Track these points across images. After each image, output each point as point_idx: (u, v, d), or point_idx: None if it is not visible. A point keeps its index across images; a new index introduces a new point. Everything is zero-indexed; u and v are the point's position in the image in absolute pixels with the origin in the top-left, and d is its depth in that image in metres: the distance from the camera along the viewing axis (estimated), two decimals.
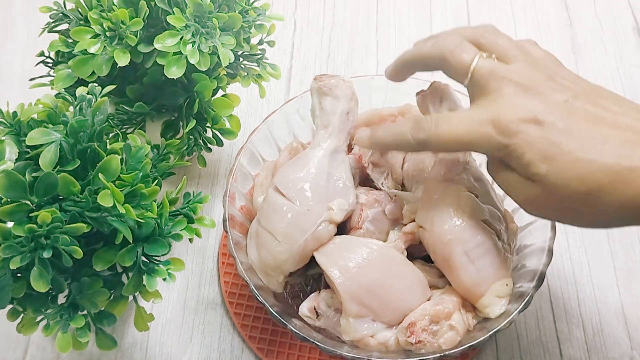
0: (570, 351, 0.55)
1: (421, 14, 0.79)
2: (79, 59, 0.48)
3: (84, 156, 0.41)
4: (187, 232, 0.44)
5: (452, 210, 0.46)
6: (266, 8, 0.55)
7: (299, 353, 0.54)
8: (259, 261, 0.48)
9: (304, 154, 0.50)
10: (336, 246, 0.47)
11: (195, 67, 0.48)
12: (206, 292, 0.59)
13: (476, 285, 0.46)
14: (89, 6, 0.50)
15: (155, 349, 0.55)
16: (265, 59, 0.58)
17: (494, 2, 0.80)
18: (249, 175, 0.55)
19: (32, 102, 0.43)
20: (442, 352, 0.44)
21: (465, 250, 0.45)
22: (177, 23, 0.48)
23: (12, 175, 0.37)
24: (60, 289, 0.42)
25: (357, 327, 0.45)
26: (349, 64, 0.75)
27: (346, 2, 0.80)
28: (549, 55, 0.42)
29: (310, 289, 0.53)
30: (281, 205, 0.47)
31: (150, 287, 0.42)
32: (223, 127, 0.54)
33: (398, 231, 0.50)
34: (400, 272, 0.47)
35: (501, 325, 0.45)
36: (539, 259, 0.49)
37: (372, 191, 0.51)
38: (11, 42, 0.76)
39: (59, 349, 0.41)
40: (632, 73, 0.73)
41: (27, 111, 0.42)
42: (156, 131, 0.56)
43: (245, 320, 0.56)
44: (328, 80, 0.51)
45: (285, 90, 0.73)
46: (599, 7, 0.79)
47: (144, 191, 0.41)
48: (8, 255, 0.36)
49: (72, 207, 0.39)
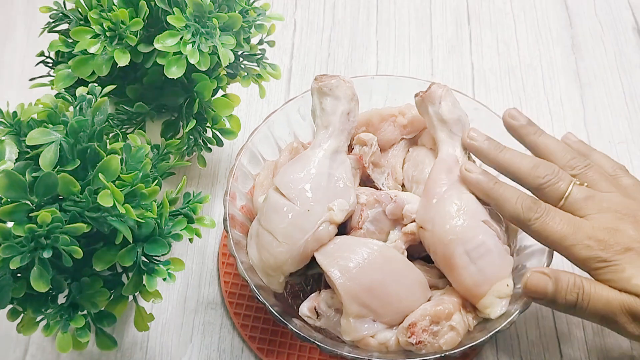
0: (570, 351, 0.55)
1: (421, 14, 0.79)
2: (79, 59, 0.48)
3: (84, 156, 0.41)
4: (187, 232, 0.44)
5: (453, 210, 0.46)
6: (266, 8, 0.55)
7: (299, 353, 0.54)
8: (259, 261, 0.48)
9: (305, 154, 0.50)
10: (337, 246, 0.47)
11: (195, 67, 0.48)
12: (206, 292, 0.59)
13: (477, 286, 0.46)
14: (89, 6, 0.50)
15: (155, 349, 0.55)
16: (265, 59, 0.58)
17: (494, 2, 0.80)
18: (250, 175, 0.55)
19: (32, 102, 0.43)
20: (443, 353, 0.44)
21: (466, 251, 0.45)
22: (177, 23, 0.48)
23: (12, 175, 0.37)
24: (60, 289, 0.42)
25: (357, 328, 0.45)
26: (349, 64, 0.75)
27: (346, 2, 0.80)
28: (638, 183, 0.48)
29: (310, 289, 0.53)
30: (282, 206, 0.47)
31: (150, 287, 0.42)
32: (223, 127, 0.54)
33: (398, 231, 0.50)
34: (400, 273, 0.47)
35: (501, 325, 0.45)
36: (539, 259, 0.49)
37: (373, 191, 0.51)
38: (11, 42, 0.76)
39: (59, 349, 0.41)
40: (632, 73, 0.73)
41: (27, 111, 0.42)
42: (156, 131, 0.56)
43: (245, 320, 0.56)
44: (329, 81, 0.51)
45: (285, 90, 0.72)
46: (599, 7, 0.79)
47: (144, 191, 0.41)
48: (8, 255, 0.36)
49: (72, 207, 0.39)
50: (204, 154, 0.56)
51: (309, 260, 0.47)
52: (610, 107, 0.71)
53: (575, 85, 0.73)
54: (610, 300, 0.42)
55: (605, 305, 0.42)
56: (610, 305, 0.42)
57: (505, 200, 0.46)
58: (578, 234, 0.43)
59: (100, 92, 0.44)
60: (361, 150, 0.53)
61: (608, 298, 0.42)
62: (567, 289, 0.43)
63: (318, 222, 0.46)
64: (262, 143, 0.56)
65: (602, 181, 0.47)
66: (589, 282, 0.43)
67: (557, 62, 0.75)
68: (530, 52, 0.76)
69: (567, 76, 0.74)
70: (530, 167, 0.47)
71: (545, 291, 0.43)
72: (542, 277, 0.44)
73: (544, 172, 0.46)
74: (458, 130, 0.51)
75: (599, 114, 0.71)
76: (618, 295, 0.42)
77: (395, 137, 0.56)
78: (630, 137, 0.69)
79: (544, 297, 0.44)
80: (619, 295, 0.42)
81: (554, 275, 0.44)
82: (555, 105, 0.71)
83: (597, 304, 0.42)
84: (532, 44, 0.76)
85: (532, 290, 0.44)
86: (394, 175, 0.55)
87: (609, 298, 0.42)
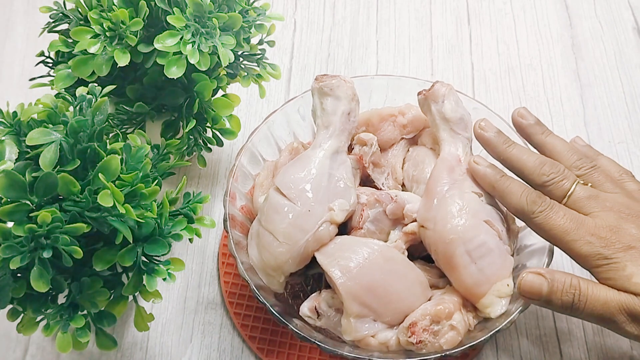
0: (570, 351, 0.55)
1: (421, 14, 0.79)
2: (79, 59, 0.48)
3: (84, 156, 0.41)
4: (187, 232, 0.44)
5: (454, 210, 0.46)
6: (266, 8, 0.55)
7: (299, 353, 0.54)
8: (259, 261, 0.48)
9: (305, 154, 0.50)
10: (337, 246, 0.47)
11: (195, 67, 0.48)
12: (206, 292, 0.59)
13: (477, 285, 0.46)
14: (89, 6, 0.50)
15: (155, 349, 0.55)
16: (265, 59, 0.58)
17: (494, 2, 0.80)
18: (250, 175, 0.55)
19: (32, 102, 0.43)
20: (443, 352, 0.44)
21: (467, 250, 0.45)
22: (177, 23, 0.48)
23: (12, 175, 0.37)
24: (60, 289, 0.42)
25: (358, 327, 0.45)
26: (349, 64, 0.75)
27: (346, 2, 0.80)
28: None
29: (310, 289, 0.53)
30: (282, 206, 0.47)
31: (150, 287, 0.42)
32: (223, 127, 0.54)
33: (399, 231, 0.50)
34: (401, 272, 0.47)
35: (502, 325, 0.45)
36: (539, 259, 0.49)
37: (373, 191, 0.51)
38: (11, 42, 0.76)
39: (59, 349, 0.41)
40: (632, 73, 0.73)
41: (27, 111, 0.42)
42: (156, 131, 0.55)
43: (245, 320, 0.56)
44: (329, 81, 0.51)
45: (285, 90, 0.72)
46: (599, 7, 0.79)
47: (144, 191, 0.40)
48: (8, 255, 0.36)
49: (72, 207, 0.39)
50: (204, 154, 0.56)
51: (309, 260, 0.47)
52: (610, 107, 0.71)
53: (575, 85, 0.73)
54: (608, 301, 0.42)
55: (603, 306, 0.42)
56: (608, 305, 0.42)
57: (511, 193, 0.46)
58: (580, 229, 0.43)
59: (100, 92, 0.44)
60: (361, 150, 0.53)
61: (606, 299, 0.42)
62: (562, 289, 0.43)
63: (319, 222, 0.46)
64: (262, 143, 0.56)
65: (606, 182, 0.47)
66: (586, 282, 0.43)
67: (557, 62, 0.75)
68: (530, 52, 0.76)
69: (567, 76, 0.74)
70: (536, 164, 0.47)
71: (540, 292, 0.43)
72: (536, 278, 0.44)
73: (549, 170, 0.47)
74: (460, 129, 0.51)
75: (599, 113, 0.71)
76: (616, 296, 0.42)
77: (395, 137, 0.56)
78: (630, 137, 0.69)
79: (538, 298, 0.44)
80: (618, 295, 0.42)
81: (550, 276, 0.43)
82: (555, 105, 0.71)
83: (594, 305, 0.42)
84: (532, 44, 0.76)
85: (526, 291, 0.44)
86: (394, 175, 0.55)
87: (607, 299, 0.42)
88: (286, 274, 0.47)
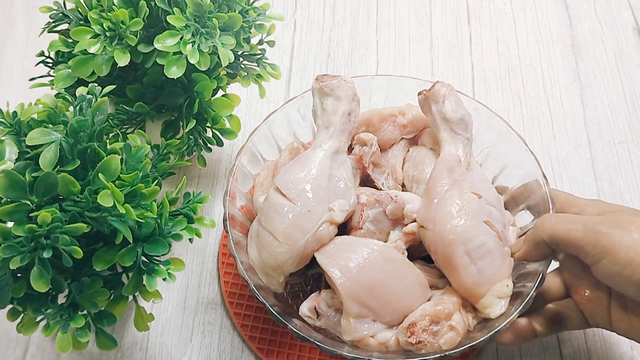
0: (570, 351, 0.55)
1: (421, 14, 0.79)
2: (79, 59, 0.48)
3: (84, 156, 0.41)
4: (187, 232, 0.44)
5: (454, 210, 0.46)
6: (266, 8, 0.55)
7: (299, 353, 0.54)
8: (259, 261, 0.48)
9: (305, 154, 0.50)
10: (337, 246, 0.47)
11: (195, 67, 0.48)
12: (206, 292, 0.59)
13: (477, 286, 0.46)
14: (89, 6, 0.50)
15: (155, 349, 0.55)
16: (265, 59, 0.58)
17: (494, 2, 0.80)
18: (250, 175, 0.55)
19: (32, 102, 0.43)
20: (443, 353, 0.44)
21: (466, 251, 0.45)
22: (177, 23, 0.48)
23: (12, 175, 0.37)
24: (60, 289, 0.42)
25: (357, 327, 0.45)
26: (349, 64, 0.75)
27: (346, 2, 0.80)
28: None
29: (310, 289, 0.53)
30: (282, 206, 0.47)
31: (150, 287, 0.42)
32: (223, 127, 0.54)
33: (399, 231, 0.50)
34: (400, 273, 0.47)
35: (501, 325, 0.45)
36: None
37: (373, 191, 0.51)
38: (11, 42, 0.76)
39: (59, 349, 0.41)
40: (632, 73, 0.73)
41: (27, 111, 0.42)
42: (156, 131, 0.56)
43: (245, 320, 0.56)
44: (330, 81, 0.51)
45: (285, 90, 0.72)
46: (599, 7, 0.79)
47: (144, 191, 0.41)
48: (8, 255, 0.36)
49: (72, 207, 0.39)
50: (204, 154, 0.56)
51: (309, 260, 0.47)
52: (610, 107, 0.71)
53: (575, 85, 0.73)
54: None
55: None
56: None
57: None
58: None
59: (100, 92, 0.44)
60: (361, 150, 0.53)
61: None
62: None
63: (318, 223, 0.46)
64: (262, 143, 0.56)
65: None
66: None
67: (557, 62, 0.75)
68: (530, 52, 0.76)
69: (567, 76, 0.74)
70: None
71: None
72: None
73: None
74: (461, 130, 0.51)
75: (599, 113, 0.71)
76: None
77: (395, 137, 0.56)
78: (630, 137, 0.69)
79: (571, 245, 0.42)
80: None
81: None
82: (555, 105, 0.71)
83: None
84: (532, 44, 0.76)
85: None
86: (394, 175, 0.55)
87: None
88: (286, 274, 0.47)
